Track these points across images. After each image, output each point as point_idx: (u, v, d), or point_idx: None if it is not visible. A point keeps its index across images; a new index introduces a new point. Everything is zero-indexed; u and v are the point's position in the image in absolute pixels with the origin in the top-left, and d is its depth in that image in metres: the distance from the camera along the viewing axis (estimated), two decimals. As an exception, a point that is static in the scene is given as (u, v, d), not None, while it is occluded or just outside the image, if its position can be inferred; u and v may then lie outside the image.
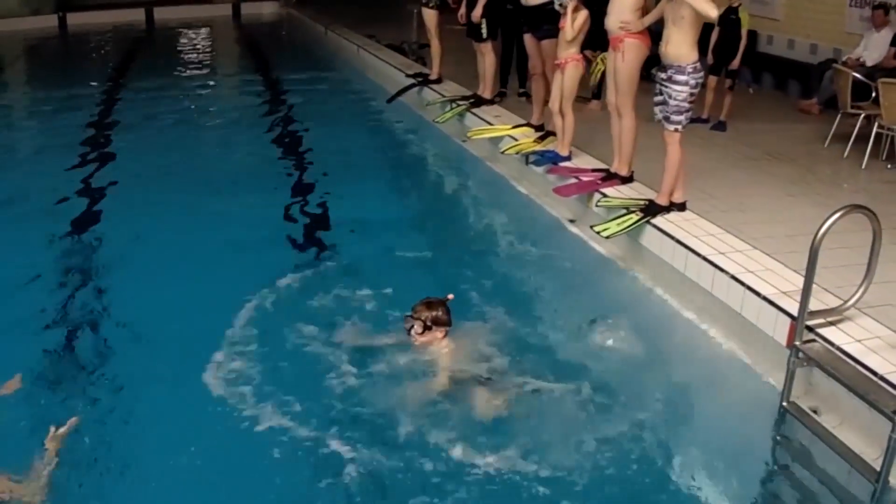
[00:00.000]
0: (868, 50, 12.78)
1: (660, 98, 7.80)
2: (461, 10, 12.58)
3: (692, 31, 7.52)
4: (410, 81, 14.65)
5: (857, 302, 6.10)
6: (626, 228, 7.89)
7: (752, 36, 14.16)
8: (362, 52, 19.28)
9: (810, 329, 5.92)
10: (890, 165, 10.44)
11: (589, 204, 8.70)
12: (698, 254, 7.17)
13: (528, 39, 10.78)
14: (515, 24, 11.69)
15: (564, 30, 9.42)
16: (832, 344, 5.82)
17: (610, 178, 8.91)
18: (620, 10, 8.46)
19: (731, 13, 11.85)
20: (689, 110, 7.75)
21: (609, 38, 8.67)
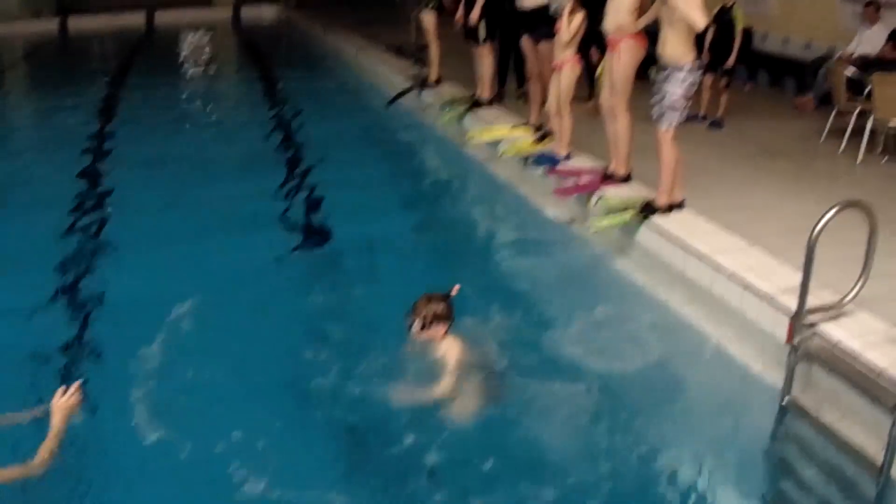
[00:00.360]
0: (862, 45, 12.83)
1: (657, 97, 7.80)
2: (459, 13, 12.58)
3: (687, 32, 7.50)
4: (409, 83, 14.65)
5: (856, 297, 6.08)
6: (616, 224, 7.93)
7: (748, 34, 14.13)
8: (361, 54, 19.29)
9: (809, 326, 5.90)
10: (885, 159, 10.47)
11: (588, 204, 8.69)
12: (697, 252, 7.17)
13: (526, 42, 10.81)
14: (513, 26, 11.68)
15: (561, 32, 9.43)
16: (831, 340, 5.80)
17: (609, 178, 8.91)
18: (617, 12, 8.45)
19: (726, 13, 11.88)
20: (684, 109, 7.74)
21: (606, 39, 8.66)
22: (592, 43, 10.53)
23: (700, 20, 7.27)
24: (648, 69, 8.47)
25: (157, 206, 9.94)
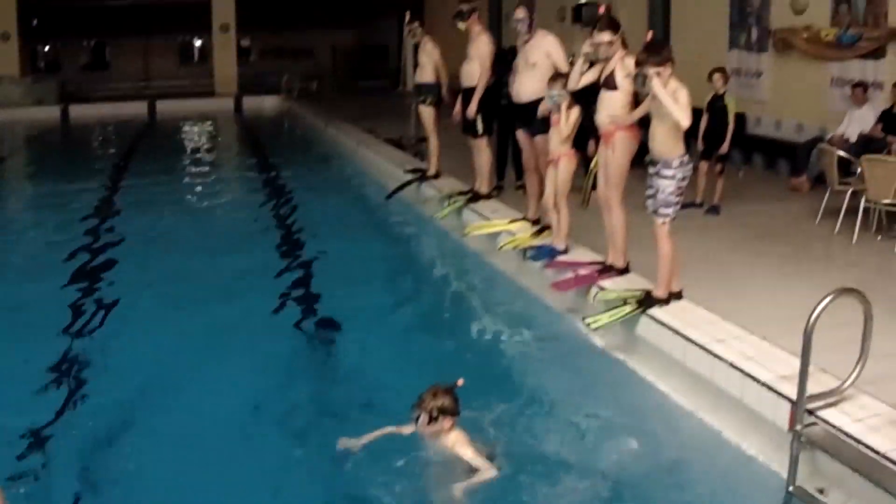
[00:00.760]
0: (851, 126, 13.03)
1: (650, 191, 7.87)
2: (456, 108, 12.71)
3: (677, 126, 7.58)
4: (409, 177, 14.78)
5: (855, 381, 6.11)
6: (616, 319, 7.92)
7: (741, 119, 14.32)
8: (361, 147, 19.47)
9: (810, 412, 5.90)
10: (880, 237, 10.57)
11: (587, 297, 8.73)
12: (696, 343, 7.18)
13: (521, 135, 10.94)
14: (510, 118, 11.82)
15: (559, 127, 9.55)
16: (833, 426, 5.80)
17: (606, 270, 8.93)
18: (610, 106, 8.57)
19: (718, 100, 12.08)
20: (677, 203, 7.80)
21: (600, 132, 8.77)
22: (590, 136, 10.64)
23: (684, 119, 7.36)
24: (644, 157, 8.55)
25: (155, 303, 9.96)
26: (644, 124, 8.36)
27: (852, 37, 13.59)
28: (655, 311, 7.86)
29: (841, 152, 11.37)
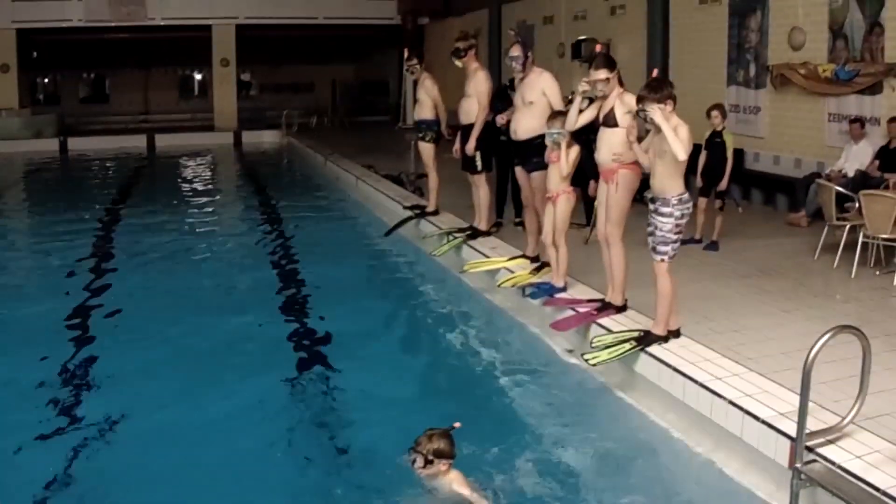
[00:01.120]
0: (849, 162, 13.12)
1: (650, 229, 7.89)
2: (456, 146, 12.78)
3: (677, 164, 7.62)
4: (408, 213, 14.82)
5: (855, 417, 6.12)
6: (616, 357, 7.92)
7: (739, 155, 14.39)
8: (361, 182, 19.52)
9: (810, 449, 5.91)
10: (878, 272, 10.62)
11: (587, 334, 8.74)
12: (695, 380, 7.20)
13: (519, 172, 10.96)
14: (509, 155, 11.86)
15: (559, 165, 9.59)
16: (833, 462, 5.81)
17: (605, 308, 8.95)
18: (610, 144, 8.62)
19: (717, 136, 12.16)
20: (676, 241, 7.81)
21: (601, 170, 8.81)
22: (589, 174, 10.68)
23: (681, 152, 7.38)
24: (644, 192, 8.57)
25: (152, 338, 9.94)
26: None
27: (850, 72, 13.67)
28: (654, 348, 7.89)
29: (839, 188, 11.43)
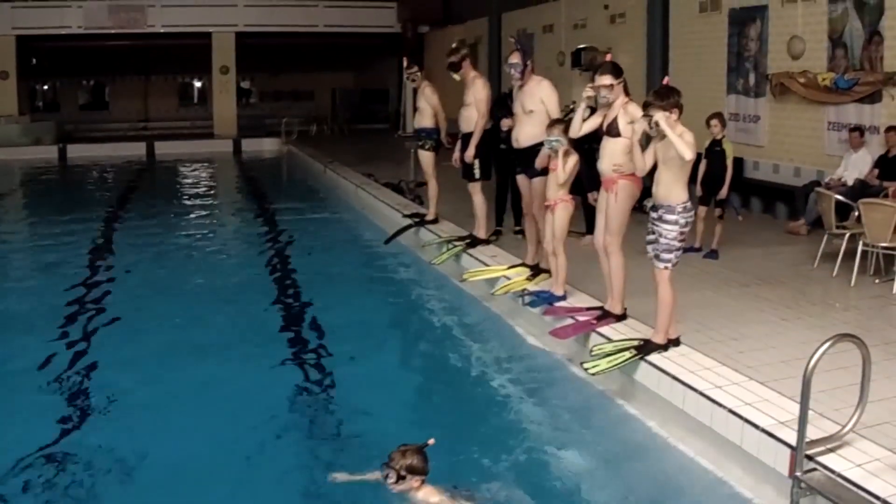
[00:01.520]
0: (848, 171, 13.15)
1: (651, 237, 7.90)
2: (455, 154, 12.79)
3: (681, 172, 7.66)
4: (408, 221, 14.83)
5: (855, 426, 6.13)
6: (616, 365, 7.91)
7: (739, 163, 14.41)
8: (360, 190, 19.53)
9: (810, 458, 5.92)
10: (878, 280, 10.64)
11: (586, 343, 8.75)
12: (695, 389, 7.20)
13: (521, 179, 10.96)
14: (509, 163, 11.86)
15: (556, 172, 9.60)
16: (832, 471, 5.82)
17: (605, 316, 8.95)
18: (612, 153, 8.62)
19: (716, 145, 12.20)
20: (679, 249, 7.82)
21: (602, 179, 8.81)
22: (592, 185, 10.69)
23: (686, 152, 7.38)
24: (643, 201, 8.57)
25: (150, 341, 10.00)
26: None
27: (849, 81, 13.70)
28: (654, 357, 7.89)
29: (838, 196, 11.46)
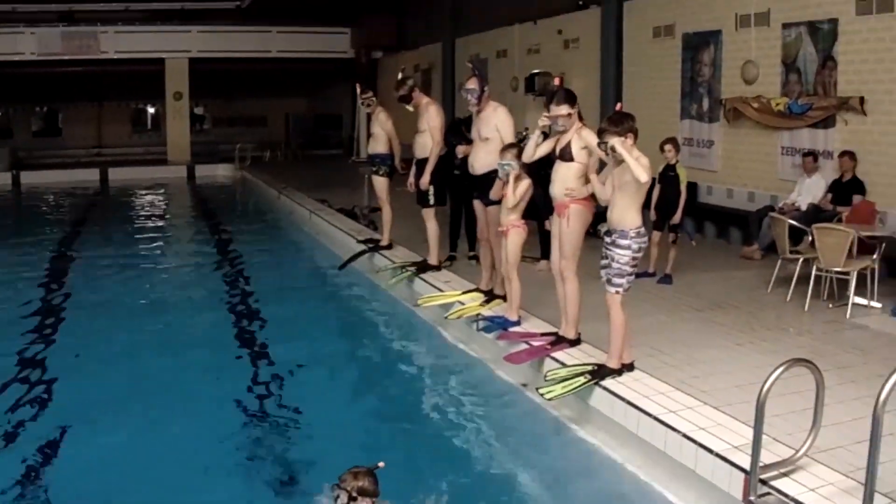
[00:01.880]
0: (802, 195, 13.25)
1: (605, 261, 7.92)
2: (410, 180, 12.78)
3: (636, 196, 7.69)
4: (361, 247, 14.81)
5: (808, 450, 6.15)
6: (570, 390, 7.90)
7: (692, 188, 14.47)
8: (314, 216, 19.51)
9: (764, 482, 5.94)
10: (831, 305, 10.71)
11: (541, 368, 8.73)
12: (649, 414, 7.20)
13: (477, 205, 10.94)
14: (463, 189, 11.86)
15: (507, 197, 9.61)
16: (786, 495, 5.84)
17: (559, 341, 8.95)
18: (565, 178, 8.63)
19: (670, 170, 12.22)
20: (631, 274, 7.84)
21: (554, 204, 8.81)
22: (547, 210, 10.70)
23: (642, 174, 7.40)
24: (598, 225, 8.58)
25: (102, 376, 9.82)
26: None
27: (803, 106, 13.80)
28: (608, 382, 7.89)
29: (792, 221, 11.52)
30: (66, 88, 37.56)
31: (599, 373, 7.99)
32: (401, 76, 12.59)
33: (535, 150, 9.09)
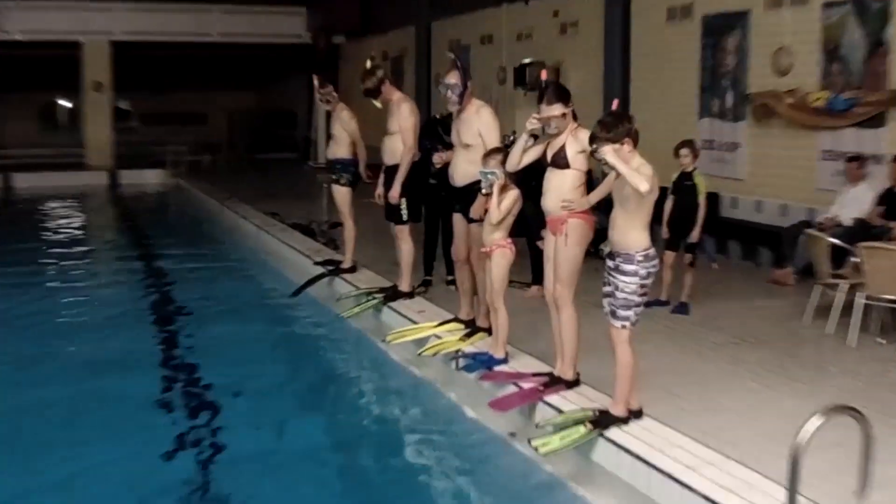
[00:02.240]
0: (845, 208, 13.15)
1: (608, 289, 7.89)
2: (378, 191, 12.76)
3: (640, 213, 7.66)
4: (320, 270, 14.78)
5: (855, 516, 6.17)
6: (569, 444, 7.87)
7: (713, 200, 14.43)
8: (263, 233, 19.50)
9: (800, 554, 5.95)
10: (883, 341, 10.68)
11: (532, 415, 8.71)
12: (661, 470, 7.17)
13: (458, 221, 10.94)
14: (439, 201, 11.81)
15: (490, 211, 9.61)
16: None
17: (554, 383, 8.91)
18: (560, 188, 8.63)
19: (686, 179, 12.21)
20: (639, 304, 7.81)
21: (548, 219, 8.81)
22: (538, 227, 10.71)
23: (641, 183, 7.32)
24: (599, 245, 8.57)
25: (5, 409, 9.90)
26: (601, 208, 8.43)
27: (846, 102, 13.79)
28: (613, 432, 7.87)
29: (833, 239, 11.51)
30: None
31: (602, 421, 7.95)
32: (369, 64, 12.51)
33: (521, 157, 9.03)
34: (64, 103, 43.62)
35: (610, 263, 7.86)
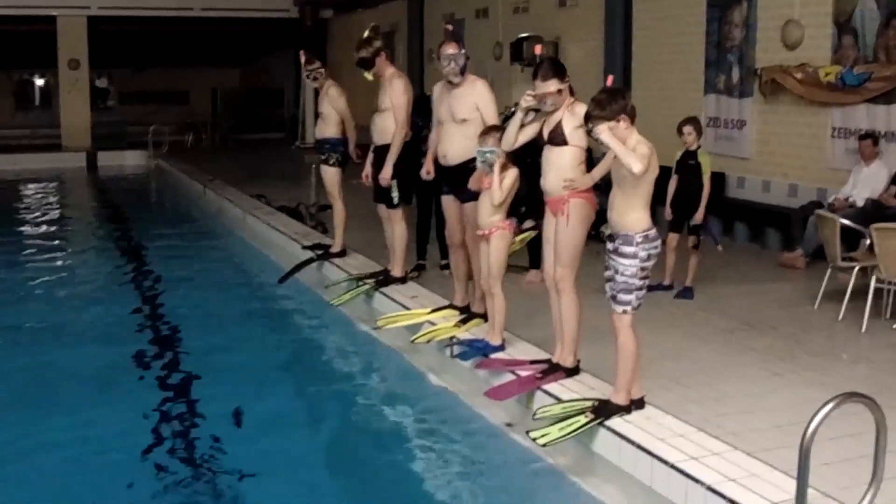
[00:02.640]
0: (858, 188, 13.17)
1: (608, 273, 7.92)
2: (366, 170, 12.79)
3: (639, 193, 7.66)
4: (308, 255, 14.80)
5: (866, 508, 6.18)
6: (569, 434, 7.88)
7: (719, 180, 14.46)
8: (249, 216, 19.49)
9: (809, 547, 5.97)
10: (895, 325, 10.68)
11: (529, 404, 8.74)
12: (665, 461, 7.19)
13: (450, 202, 10.95)
14: (433, 184, 11.82)
15: (492, 192, 9.59)
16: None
17: (553, 371, 8.92)
18: (559, 167, 8.62)
19: (690, 158, 12.20)
20: (641, 288, 7.82)
21: (547, 200, 8.80)
22: (532, 206, 10.72)
23: (634, 164, 7.34)
24: (601, 227, 8.56)
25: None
26: (601, 188, 8.43)
27: (859, 76, 13.81)
28: (615, 421, 7.88)
29: (845, 220, 11.52)
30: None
31: (603, 410, 7.97)
32: (367, 34, 12.41)
33: (517, 136, 9.03)
34: (38, 81, 43.46)
35: (610, 246, 7.88)
